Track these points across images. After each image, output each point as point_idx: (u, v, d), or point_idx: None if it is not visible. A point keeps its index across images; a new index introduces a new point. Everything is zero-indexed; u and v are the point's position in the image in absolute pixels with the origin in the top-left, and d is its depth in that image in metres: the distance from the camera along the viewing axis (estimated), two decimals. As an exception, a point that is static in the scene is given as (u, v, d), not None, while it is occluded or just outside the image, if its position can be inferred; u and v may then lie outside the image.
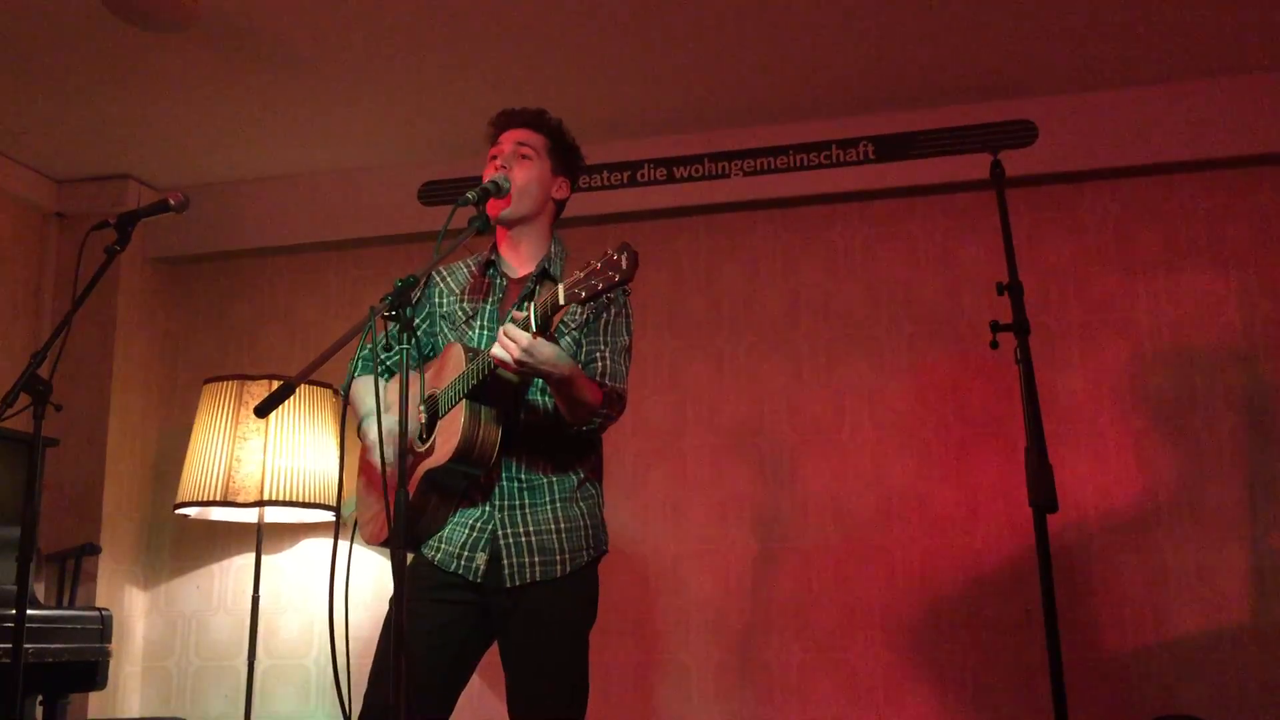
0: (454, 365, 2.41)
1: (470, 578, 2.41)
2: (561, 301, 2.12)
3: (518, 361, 2.19)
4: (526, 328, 2.18)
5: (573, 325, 2.49)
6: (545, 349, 2.21)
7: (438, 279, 2.66)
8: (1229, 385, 3.80)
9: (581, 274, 2.10)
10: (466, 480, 2.43)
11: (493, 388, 2.32)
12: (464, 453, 2.31)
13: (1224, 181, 3.94)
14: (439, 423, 2.39)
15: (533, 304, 2.18)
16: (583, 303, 2.11)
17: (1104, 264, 3.99)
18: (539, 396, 2.46)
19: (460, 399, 2.32)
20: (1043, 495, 2.57)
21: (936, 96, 4.02)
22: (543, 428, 2.46)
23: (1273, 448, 3.73)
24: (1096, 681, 3.67)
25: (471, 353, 2.38)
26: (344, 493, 3.29)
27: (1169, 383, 3.84)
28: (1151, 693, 3.63)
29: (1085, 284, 3.98)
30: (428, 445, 2.41)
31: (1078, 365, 3.92)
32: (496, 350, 2.20)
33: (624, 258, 2.07)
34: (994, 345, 2.71)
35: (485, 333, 2.52)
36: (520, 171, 2.55)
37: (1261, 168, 3.91)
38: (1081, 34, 3.64)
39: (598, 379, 2.45)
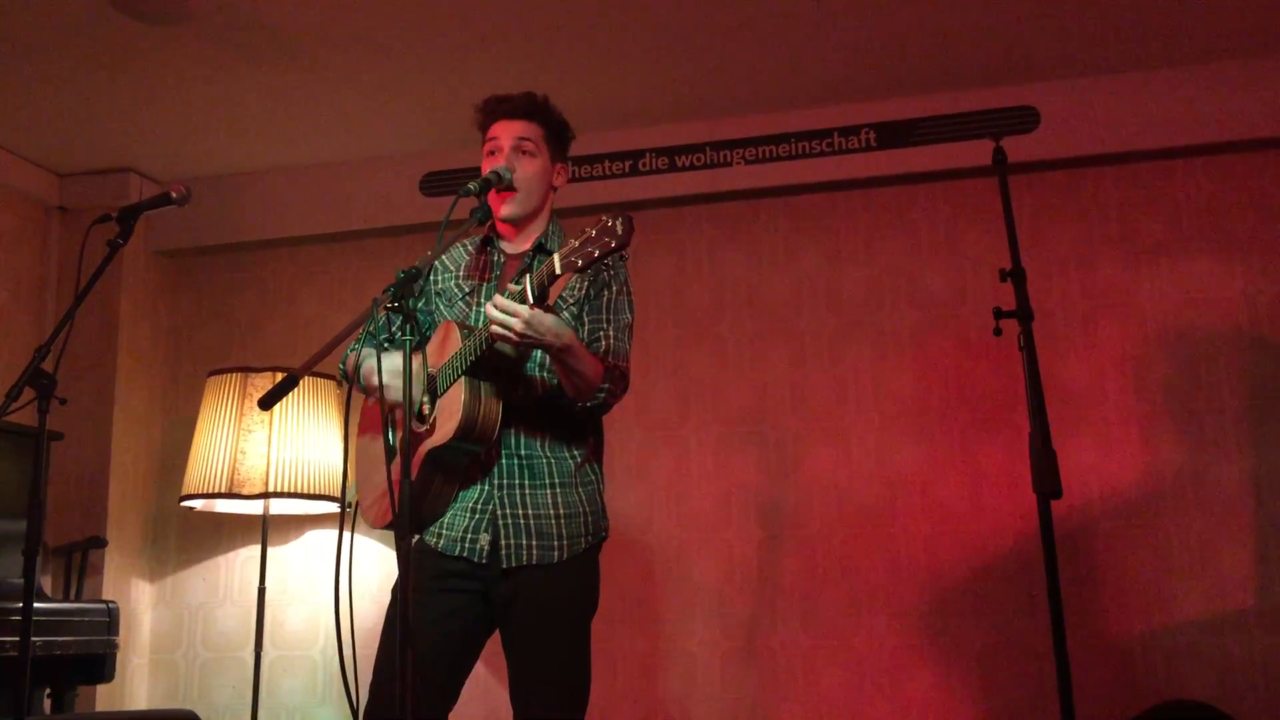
0: (451, 344, 2.40)
1: (475, 559, 2.41)
2: (559, 271, 2.10)
3: (518, 334, 2.18)
4: (523, 299, 2.17)
5: (571, 301, 2.50)
6: (545, 320, 2.20)
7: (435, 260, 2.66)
8: (1233, 369, 3.80)
9: (577, 242, 2.09)
10: (469, 457, 2.42)
11: (491, 363, 2.31)
12: (466, 430, 2.30)
13: (1227, 166, 3.93)
14: (439, 401, 2.38)
15: (529, 275, 2.17)
16: (579, 270, 2.09)
17: (1107, 249, 3.98)
18: (537, 372, 2.47)
19: (459, 376, 2.32)
20: (1047, 481, 2.57)
21: (938, 83, 4.02)
22: (541, 404, 2.46)
23: (1277, 431, 3.73)
24: (1101, 666, 3.67)
25: (467, 330, 2.37)
26: (349, 483, 3.30)
27: (1173, 367, 3.84)
28: (1156, 677, 3.64)
29: (1088, 269, 3.97)
30: (428, 424, 2.41)
31: (1081, 351, 3.92)
32: (495, 328, 2.19)
33: (619, 223, 2.06)
34: (997, 332, 2.71)
35: (483, 310, 2.52)
36: (525, 170, 2.54)
37: (1265, 152, 3.90)
38: (1083, 19, 3.63)
39: (601, 356, 2.45)
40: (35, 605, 2.61)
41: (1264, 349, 3.79)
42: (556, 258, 2.11)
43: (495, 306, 2.19)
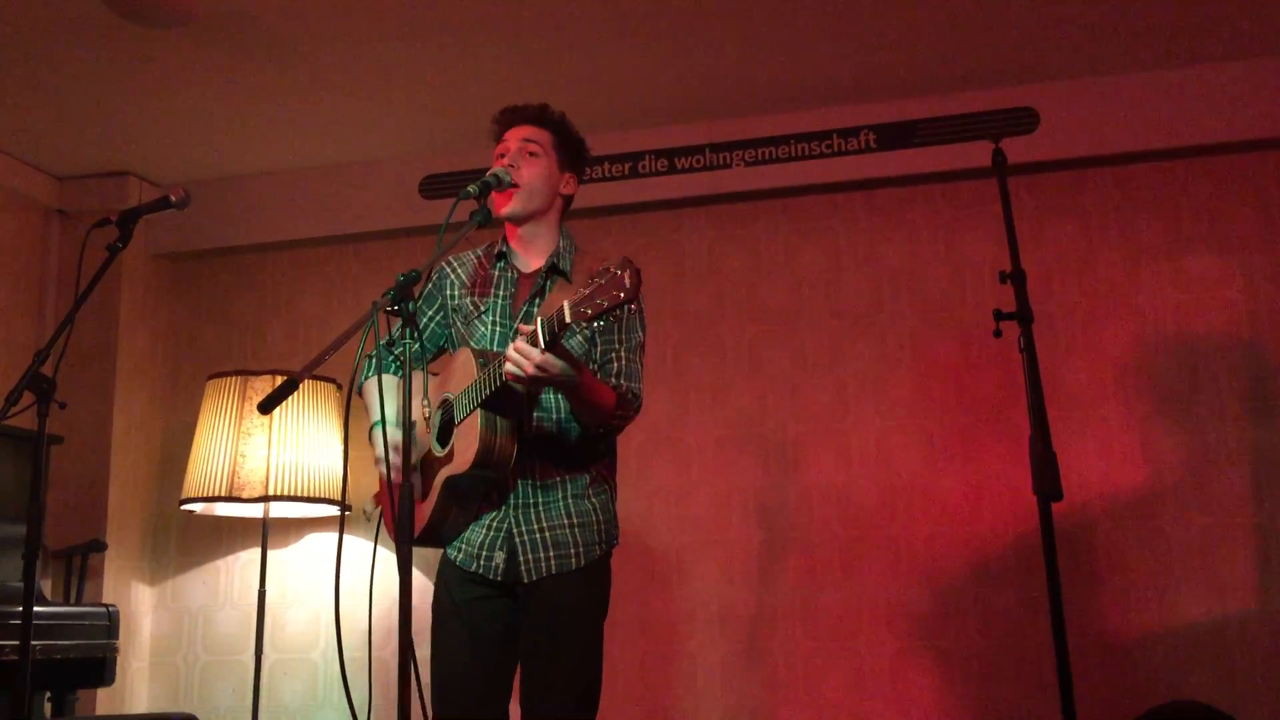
0: (465, 371, 2.42)
1: (490, 576, 2.47)
2: (568, 319, 2.12)
3: (529, 376, 2.21)
4: (535, 343, 2.19)
5: (584, 323, 2.50)
6: (555, 363, 2.23)
7: (449, 271, 2.68)
8: (1233, 370, 3.80)
9: (586, 291, 2.10)
10: (485, 484, 2.47)
11: (506, 395, 2.35)
12: (483, 460, 2.35)
13: (1227, 166, 3.93)
14: (456, 430, 2.42)
15: (539, 320, 2.18)
16: (589, 320, 2.09)
17: (1107, 250, 3.98)
18: (552, 398, 2.50)
19: (475, 407, 2.35)
20: (1047, 482, 2.57)
21: (938, 84, 4.01)
22: (556, 430, 2.50)
23: (1277, 432, 3.73)
24: (1102, 668, 3.67)
25: (481, 359, 2.39)
26: (348, 486, 3.30)
27: (1173, 368, 3.84)
28: (1157, 678, 3.64)
29: (1088, 271, 3.97)
30: (446, 451, 2.44)
31: (1081, 352, 3.91)
32: (509, 367, 2.22)
33: (626, 275, 2.06)
34: (997, 333, 2.70)
35: (496, 328, 2.54)
36: (528, 169, 2.56)
37: (1265, 152, 3.90)
38: (1083, 20, 3.63)
39: (613, 378, 2.49)
40: (35, 609, 2.61)
41: (1264, 350, 3.79)
42: (566, 306, 2.11)
43: (511, 350, 2.22)
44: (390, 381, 2.59)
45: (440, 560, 2.58)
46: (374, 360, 2.66)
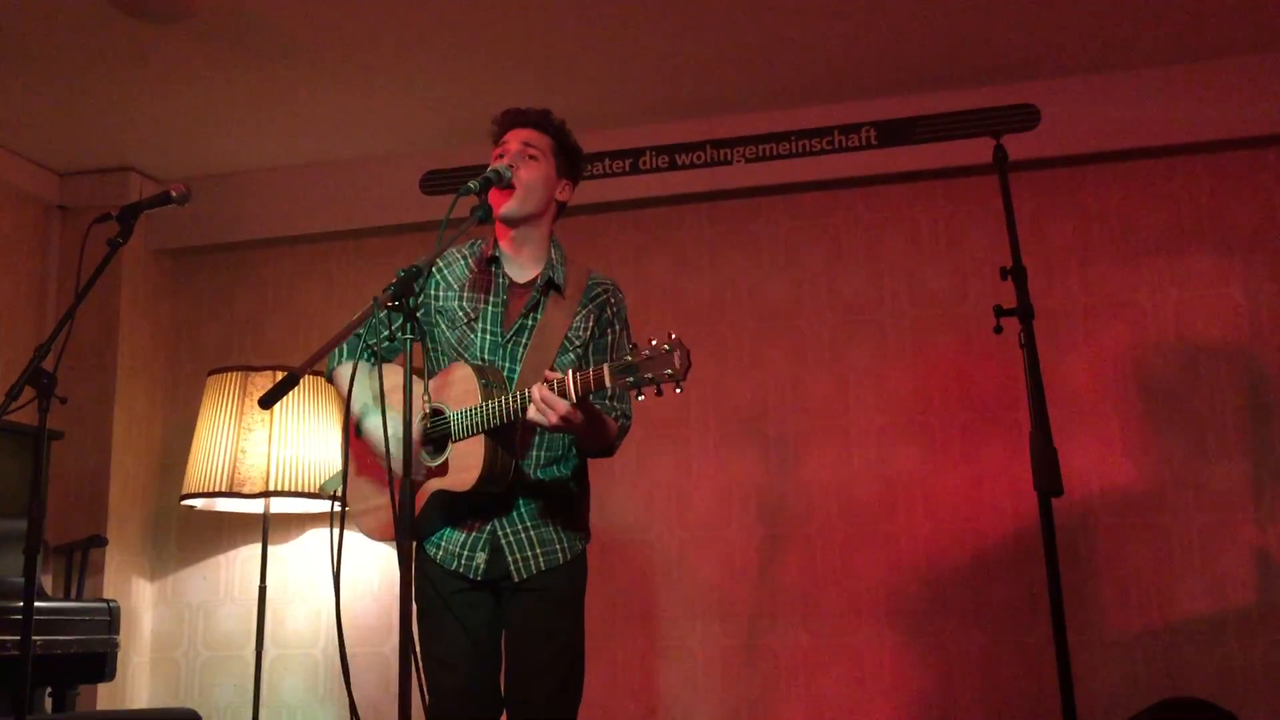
0: (465, 389, 2.42)
1: (471, 576, 2.48)
2: (608, 385, 2.17)
3: (551, 425, 2.26)
4: (563, 393, 2.22)
5: (577, 343, 2.55)
6: (579, 417, 2.28)
7: (433, 270, 2.67)
8: (1233, 368, 3.80)
9: (631, 359, 2.14)
10: (479, 499, 2.48)
11: (509, 424, 2.38)
12: (484, 484, 2.38)
13: (1228, 164, 3.93)
14: (453, 446, 2.42)
15: (573, 374, 2.21)
16: (626, 389, 2.17)
17: (1107, 247, 3.98)
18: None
19: (479, 433, 2.37)
20: (1047, 479, 2.58)
21: (939, 81, 4.01)
22: (540, 439, 2.53)
23: (1276, 429, 3.73)
24: (1102, 664, 3.67)
25: (483, 380, 2.40)
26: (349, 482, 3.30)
27: (1173, 366, 3.84)
28: (1157, 675, 3.64)
29: (1089, 267, 3.97)
30: (439, 463, 2.44)
31: (1081, 349, 3.92)
32: (533, 414, 2.26)
33: (676, 356, 2.10)
34: (998, 330, 2.71)
35: (486, 336, 2.54)
36: (527, 172, 2.56)
37: (1265, 149, 3.90)
38: (1084, 17, 3.62)
39: (609, 401, 2.53)
40: (36, 604, 2.61)
41: (1263, 347, 3.79)
42: (607, 371, 2.17)
43: (539, 397, 2.25)
44: (366, 369, 2.58)
45: (418, 554, 2.57)
46: (348, 346, 2.63)
